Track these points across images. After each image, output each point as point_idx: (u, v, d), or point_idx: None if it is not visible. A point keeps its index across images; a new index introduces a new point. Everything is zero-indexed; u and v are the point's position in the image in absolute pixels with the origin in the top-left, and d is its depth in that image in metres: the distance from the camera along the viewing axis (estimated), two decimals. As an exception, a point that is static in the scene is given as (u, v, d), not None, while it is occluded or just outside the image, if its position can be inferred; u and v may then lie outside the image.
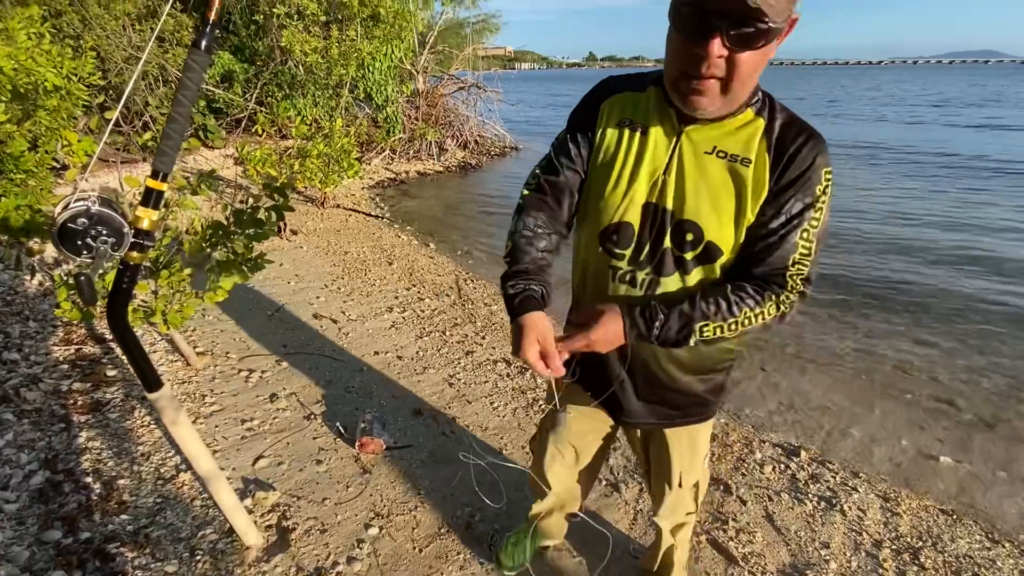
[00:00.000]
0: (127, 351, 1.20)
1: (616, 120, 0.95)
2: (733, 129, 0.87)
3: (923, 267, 4.86)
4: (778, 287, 0.88)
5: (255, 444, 2.14)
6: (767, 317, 0.88)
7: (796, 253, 0.86)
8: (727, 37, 0.72)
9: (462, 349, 3.11)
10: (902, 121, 17.85)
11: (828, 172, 0.85)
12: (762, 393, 2.94)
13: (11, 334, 2.63)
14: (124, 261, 1.10)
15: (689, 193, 0.88)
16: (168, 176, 1.08)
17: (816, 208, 0.85)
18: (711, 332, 0.87)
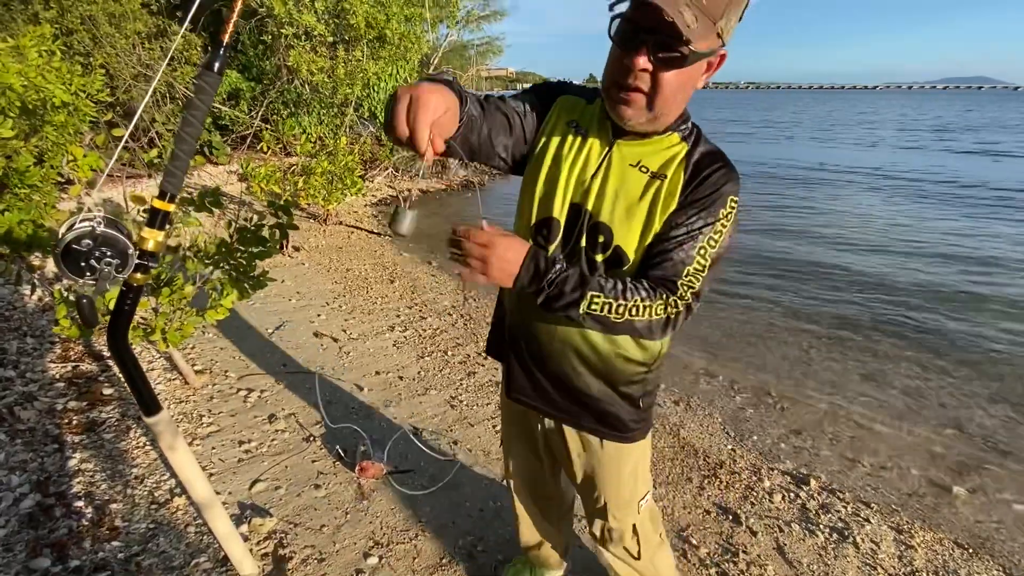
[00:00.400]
0: (127, 374, 1.17)
1: (565, 120, 1.01)
2: (659, 148, 0.93)
3: (928, 295, 4.85)
4: (669, 292, 0.90)
5: (252, 467, 2.09)
6: (653, 315, 0.89)
7: (691, 266, 0.90)
8: (652, 53, 0.79)
9: (464, 370, 3.07)
10: (904, 146, 17.94)
11: (734, 200, 0.91)
12: (768, 419, 2.89)
13: (8, 350, 2.60)
14: (127, 282, 1.08)
15: (607, 198, 0.94)
16: (175, 197, 1.07)
17: (716, 229, 0.90)
18: (599, 307, 0.87)
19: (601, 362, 1.05)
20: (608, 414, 1.10)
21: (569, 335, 1.04)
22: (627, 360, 1.04)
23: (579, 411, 1.11)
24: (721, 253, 0.92)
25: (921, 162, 13.71)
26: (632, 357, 1.04)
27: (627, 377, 1.06)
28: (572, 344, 1.04)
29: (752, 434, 2.71)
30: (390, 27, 6.45)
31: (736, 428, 2.74)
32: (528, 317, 1.08)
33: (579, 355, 1.05)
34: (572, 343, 1.04)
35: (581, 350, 1.05)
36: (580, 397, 1.09)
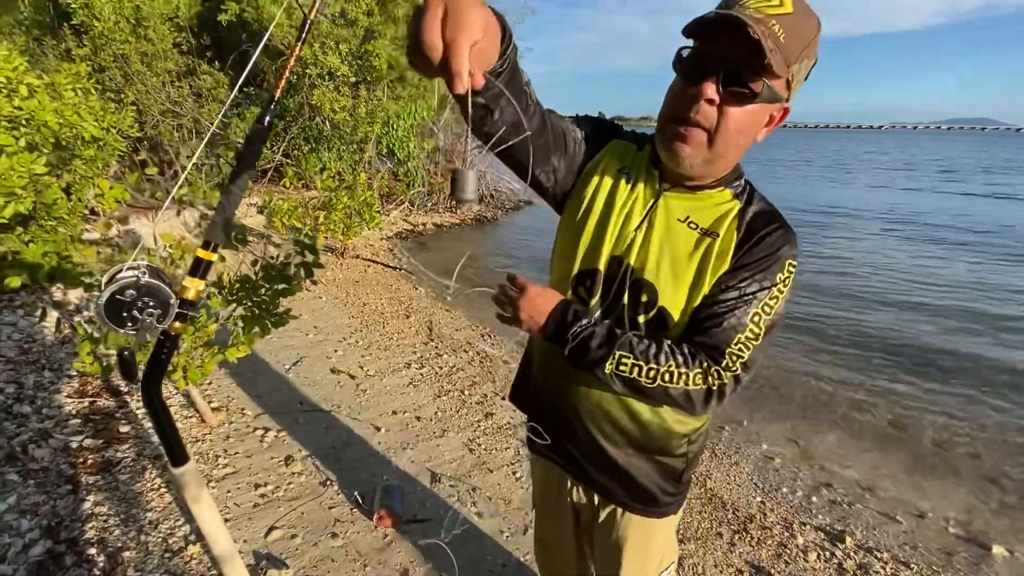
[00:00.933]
0: (157, 424, 1.14)
1: (617, 165, 0.95)
2: (709, 204, 0.87)
3: (958, 334, 4.74)
4: (713, 361, 0.83)
5: (268, 512, 2.03)
6: (691, 384, 0.82)
7: (742, 334, 0.82)
8: (721, 83, 0.74)
9: (481, 411, 3.00)
10: (916, 187, 17.84)
11: (792, 264, 0.84)
12: (796, 469, 2.78)
13: (25, 384, 2.58)
14: (165, 331, 1.06)
15: (652, 253, 0.87)
16: (219, 247, 1.06)
17: (772, 294, 0.83)
18: (627, 368, 0.83)
19: (640, 432, 0.96)
20: (642, 488, 1.00)
21: (603, 399, 0.96)
22: (670, 432, 0.96)
23: (608, 482, 1.01)
24: (776, 321, 0.84)
25: (934, 205, 13.59)
26: (676, 429, 0.96)
27: (669, 450, 0.97)
28: (606, 409, 0.96)
29: (781, 486, 2.60)
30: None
31: (764, 479, 2.64)
32: (557, 373, 1.01)
33: (614, 423, 0.97)
34: (606, 408, 0.96)
35: (617, 418, 0.96)
36: (610, 468, 1.00)
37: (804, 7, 0.74)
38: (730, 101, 0.75)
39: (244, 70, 1.14)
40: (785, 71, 0.72)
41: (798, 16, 0.72)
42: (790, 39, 0.71)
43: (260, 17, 6.54)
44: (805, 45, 0.74)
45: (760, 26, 0.69)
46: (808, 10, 0.75)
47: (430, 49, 0.52)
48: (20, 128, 2.63)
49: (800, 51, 0.73)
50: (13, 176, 2.38)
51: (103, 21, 6.02)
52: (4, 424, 2.19)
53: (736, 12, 0.70)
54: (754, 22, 0.68)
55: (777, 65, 0.70)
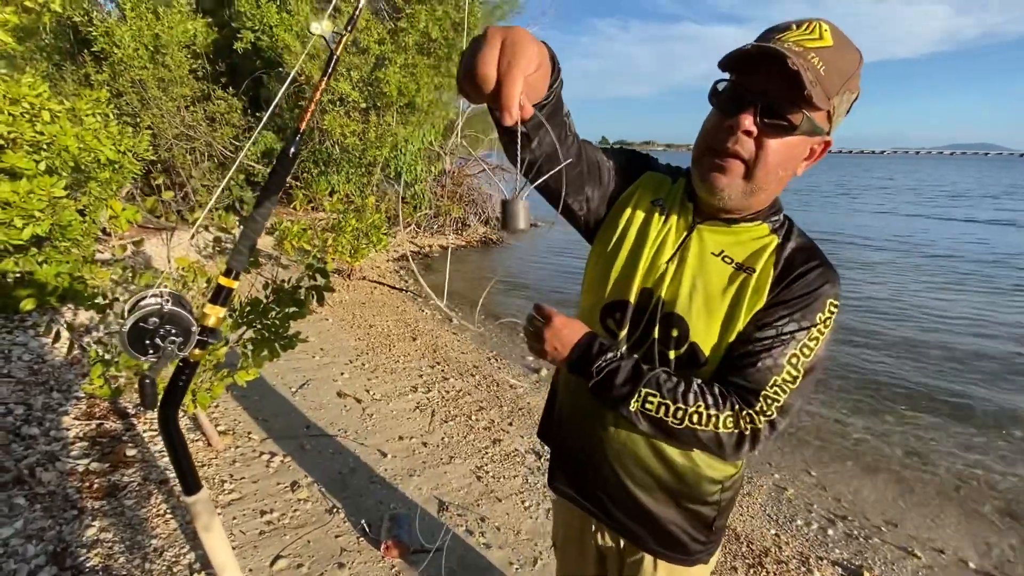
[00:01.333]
0: (172, 451, 1.13)
1: (650, 197, 0.93)
2: (746, 239, 0.85)
3: (974, 370, 4.67)
4: (746, 403, 0.78)
5: (274, 541, 1.99)
6: (720, 427, 0.78)
7: (778, 375, 0.78)
8: (759, 115, 0.73)
9: (489, 437, 2.97)
10: (925, 214, 17.33)
11: (834, 304, 0.80)
12: (810, 501, 2.72)
13: (33, 406, 2.58)
14: (185, 359, 1.07)
15: (684, 287, 0.84)
16: (239, 274, 1.07)
17: (811, 335, 0.78)
18: (653, 407, 0.79)
19: (670, 476, 0.91)
20: (671, 535, 0.95)
21: (632, 440, 0.91)
22: (701, 477, 0.91)
23: (636, 527, 0.96)
24: (816, 364, 0.79)
25: (944, 232, 13.35)
26: (708, 475, 0.91)
27: (700, 497, 0.92)
28: (634, 451, 0.91)
29: (795, 517, 2.55)
30: (421, 95, 6.79)
31: (777, 511, 2.59)
32: (583, 410, 0.98)
33: (643, 466, 0.92)
34: (634, 450, 0.91)
35: (646, 460, 0.91)
36: (638, 512, 0.95)
37: (844, 41, 0.73)
38: (769, 133, 0.74)
39: (258, 97, 1.17)
40: (826, 103, 0.72)
41: (838, 49, 0.72)
42: (830, 72, 0.71)
43: (275, 45, 6.72)
44: (846, 78, 0.73)
45: (799, 59, 0.68)
46: (848, 44, 0.74)
47: (484, 80, 0.52)
48: (41, 152, 2.68)
49: (841, 84, 0.72)
50: (33, 199, 2.42)
51: (123, 48, 6.20)
52: (12, 446, 2.18)
53: (774, 45, 0.70)
54: (793, 55, 0.68)
55: (817, 97, 0.69)
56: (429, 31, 6.80)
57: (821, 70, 0.70)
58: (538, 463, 2.73)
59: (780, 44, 0.70)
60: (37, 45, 7.08)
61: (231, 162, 7.22)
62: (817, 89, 0.69)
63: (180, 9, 6.60)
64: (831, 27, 0.73)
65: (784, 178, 0.80)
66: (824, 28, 0.72)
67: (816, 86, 0.69)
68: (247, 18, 6.71)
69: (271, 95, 7.86)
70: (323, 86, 1.08)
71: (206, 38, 6.91)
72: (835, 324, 0.80)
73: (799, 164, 0.80)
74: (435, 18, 6.84)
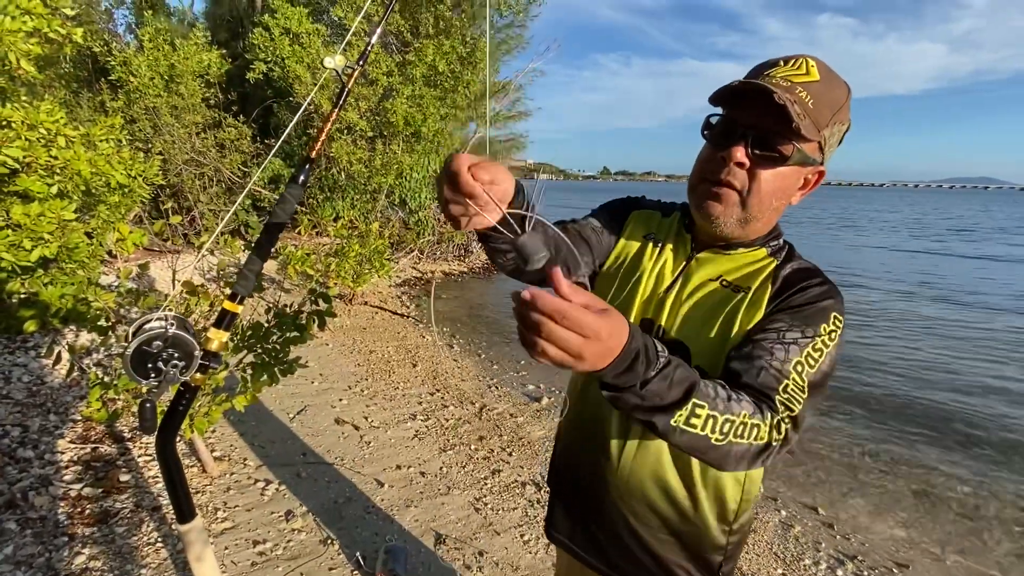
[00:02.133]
0: (168, 477, 1.12)
1: (642, 232, 0.97)
2: (742, 263, 0.85)
3: (981, 406, 4.62)
4: (770, 409, 0.69)
5: (267, 572, 1.94)
6: (757, 438, 0.66)
7: (789, 380, 0.71)
8: (751, 147, 0.75)
9: (488, 467, 2.92)
10: (939, 252, 16.06)
11: (838, 319, 0.76)
12: (818, 539, 2.65)
13: (30, 428, 2.55)
14: (186, 383, 1.07)
15: (682, 314, 0.85)
16: (244, 299, 1.08)
17: (816, 345, 0.73)
18: (700, 421, 0.63)
19: (677, 517, 0.89)
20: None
21: (637, 477, 0.88)
22: (710, 521, 0.88)
23: (634, 570, 0.93)
24: (821, 380, 0.74)
25: (957, 268, 12.62)
26: (717, 517, 0.88)
27: (708, 540, 0.90)
28: (640, 489, 0.89)
29: (803, 556, 2.48)
30: (427, 125, 6.94)
31: (784, 549, 2.52)
32: (583, 440, 0.95)
33: (648, 503, 0.89)
34: (640, 488, 0.89)
35: (651, 498, 0.89)
36: (638, 555, 0.92)
37: (831, 75, 0.76)
38: (761, 164, 0.76)
39: (268, 125, 1.20)
40: (816, 135, 0.74)
41: (825, 83, 0.75)
42: (819, 104, 0.73)
43: (286, 76, 6.92)
44: (835, 110, 0.75)
45: (787, 93, 0.71)
46: (835, 77, 0.77)
47: (463, 182, 0.61)
48: (54, 176, 2.73)
49: (830, 116, 0.75)
50: (43, 222, 2.45)
51: (139, 77, 6.38)
52: (7, 468, 2.16)
53: (762, 81, 0.73)
54: (780, 90, 0.71)
55: (806, 129, 0.71)
56: (436, 64, 7.01)
57: (809, 103, 0.73)
58: (538, 495, 2.67)
59: (768, 80, 0.73)
60: (56, 73, 7.31)
61: (238, 187, 7.34)
62: (806, 121, 0.71)
63: (196, 41, 6.83)
64: (817, 62, 0.76)
65: (780, 207, 0.82)
66: (811, 63, 0.75)
67: (805, 119, 0.71)
68: (260, 50, 6.93)
69: (280, 123, 8.05)
70: (334, 117, 1.11)
71: (219, 68, 7.13)
72: (841, 341, 0.76)
73: (794, 193, 0.82)
74: (442, 52, 7.06)
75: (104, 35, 7.42)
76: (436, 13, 7.69)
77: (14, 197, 2.67)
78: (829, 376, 0.76)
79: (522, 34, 10.63)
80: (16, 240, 2.53)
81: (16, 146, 2.48)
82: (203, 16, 11.08)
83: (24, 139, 2.55)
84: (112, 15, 8.76)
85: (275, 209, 1.09)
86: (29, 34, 2.55)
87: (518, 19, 10.18)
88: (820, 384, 0.74)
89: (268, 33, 6.93)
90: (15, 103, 2.81)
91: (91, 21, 8.02)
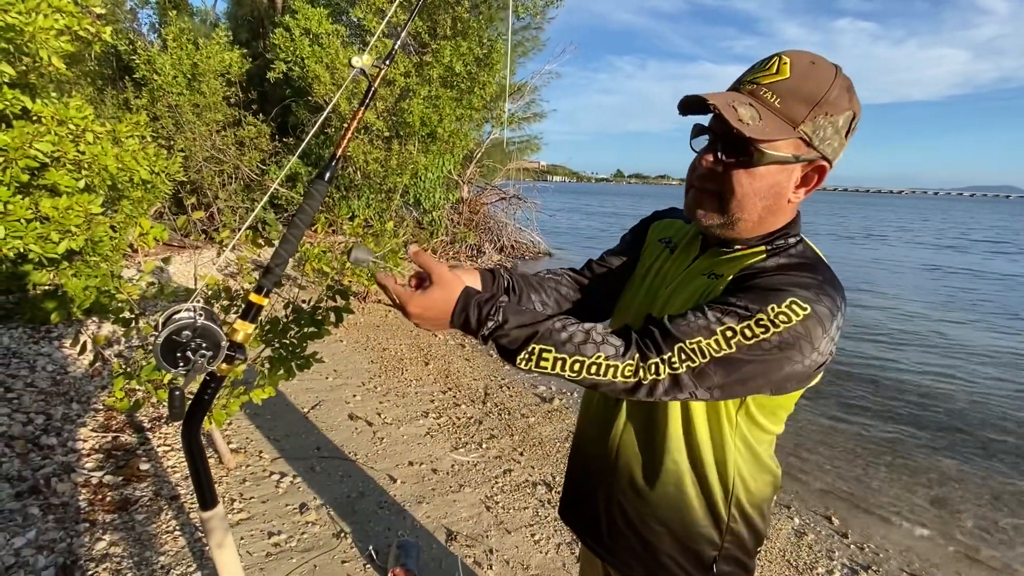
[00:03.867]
0: (192, 465, 1.14)
1: (659, 237, 1.05)
2: (737, 261, 0.85)
3: (1000, 418, 4.54)
4: (655, 349, 0.72)
5: (280, 564, 1.97)
6: (617, 376, 0.73)
7: (702, 337, 0.71)
8: (722, 151, 0.79)
9: (499, 466, 2.93)
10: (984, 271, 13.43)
11: (797, 304, 0.71)
12: (834, 548, 2.62)
13: (53, 416, 2.62)
14: (212, 373, 1.09)
15: (669, 302, 0.91)
16: (270, 292, 1.11)
17: (757, 320, 0.71)
18: (549, 363, 0.74)
19: (662, 504, 0.91)
20: (663, 567, 0.93)
21: (628, 462, 0.94)
22: (694, 512, 0.90)
23: (628, 554, 0.96)
24: (760, 356, 0.71)
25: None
26: (701, 512, 0.90)
27: (696, 531, 0.91)
28: (629, 473, 0.94)
29: (816, 565, 2.45)
30: (443, 126, 6.98)
31: (797, 557, 2.49)
32: (590, 432, 1.03)
33: (636, 488, 0.94)
34: (629, 472, 0.94)
35: (638, 483, 0.93)
36: (631, 540, 0.95)
37: (808, 69, 0.75)
38: (732, 167, 0.78)
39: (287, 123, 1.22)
40: (788, 132, 0.74)
41: (797, 78, 0.74)
42: (788, 101, 0.74)
43: (305, 76, 7.00)
44: (814, 103, 0.74)
45: (749, 97, 0.75)
46: (812, 69, 0.75)
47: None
48: (82, 170, 2.80)
49: (808, 109, 0.74)
50: (71, 215, 2.51)
51: (163, 75, 6.51)
52: (31, 455, 2.21)
53: (741, 87, 0.78)
54: (727, 97, 0.75)
55: (756, 131, 0.73)
56: (453, 65, 7.05)
57: (776, 103, 0.74)
58: (548, 495, 2.67)
59: (740, 85, 0.78)
60: (82, 70, 7.47)
61: (257, 184, 7.44)
62: (760, 125, 0.73)
63: (219, 40, 6.94)
64: (793, 58, 0.75)
65: (769, 206, 0.81)
66: (784, 61, 0.75)
67: (757, 122, 0.73)
68: (280, 50, 7.02)
69: (298, 121, 8.14)
70: (360, 115, 1.13)
71: (240, 67, 7.24)
72: (803, 333, 0.71)
73: (787, 191, 0.80)
74: (459, 53, 7.10)
75: (129, 34, 7.58)
76: (454, 15, 7.74)
77: (43, 190, 2.74)
78: (785, 360, 0.72)
79: (538, 36, 10.65)
80: (44, 232, 2.59)
81: (46, 141, 2.54)
82: (225, 16, 11.28)
83: (54, 134, 2.62)
84: (136, 15, 8.96)
85: (303, 205, 1.11)
86: (60, 32, 2.62)
87: (535, 21, 10.21)
88: (759, 360, 0.71)
89: (288, 33, 7.02)
90: (45, 99, 2.88)
91: (116, 20, 8.20)
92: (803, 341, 0.71)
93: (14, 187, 2.43)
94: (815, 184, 0.81)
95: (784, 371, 0.73)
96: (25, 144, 2.43)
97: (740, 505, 0.90)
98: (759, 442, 0.88)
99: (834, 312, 0.73)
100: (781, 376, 0.74)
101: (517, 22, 9.53)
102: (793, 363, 0.72)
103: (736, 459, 0.87)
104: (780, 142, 0.75)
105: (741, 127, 0.72)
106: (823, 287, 0.74)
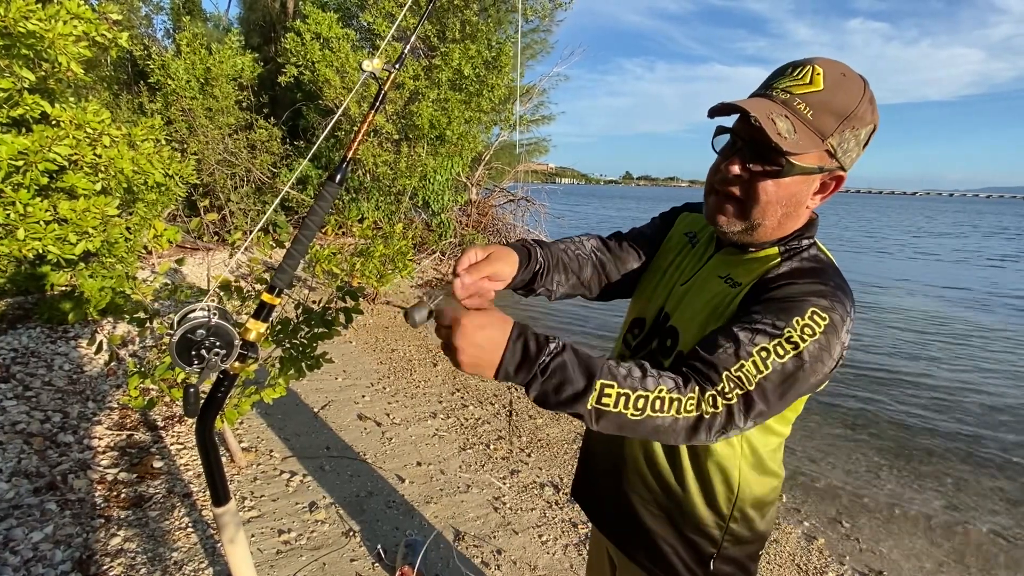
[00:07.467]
0: (206, 462, 1.17)
1: (684, 230, 1.05)
2: (753, 263, 0.86)
3: (1016, 424, 4.46)
4: (709, 382, 0.69)
5: (290, 561, 1.99)
6: (681, 412, 0.68)
7: (748, 362, 0.70)
8: (748, 161, 0.79)
9: (507, 467, 2.94)
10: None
11: (819, 314, 0.72)
12: (845, 553, 2.59)
13: (70, 414, 2.67)
14: (225, 371, 1.11)
15: (685, 302, 0.91)
16: (283, 292, 1.13)
17: (786, 337, 0.71)
18: (611, 400, 0.66)
19: (661, 491, 0.92)
20: (662, 554, 0.94)
21: (631, 447, 0.95)
22: (695, 502, 0.90)
23: (630, 536, 0.99)
24: (793, 373, 0.71)
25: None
26: (704, 501, 0.90)
27: (695, 523, 0.91)
28: (636, 460, 0.95)
29: (826, 570, 2.42)
30: (452, 128, 7.03)
31: (807, 561, 2.47)
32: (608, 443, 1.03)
33: (639, 472, 0.94)
34: (633, 456, 0.95)
35: (641, 468, 0.94)
36: (633, 522, 0.97)
37: (838, 79, 0.75)
38: (759, 176, 0.79)
39: (297, 127, 1.24)
40: (817, 145, 0.75)
41: (830, 91, 0.74)
42: (820, 114, 0.74)
43: (316, 80, 7.08)
44: (843, 116, 0.75)
45: (783, 108, 0.74)
46: (843, 81, 0.75)
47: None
48: (99, 173, 2.85)
49: (837, 123, 0.75)
50: (88, 217, 2.56)
51: (176, 80, 6.61)
52: (48, 452, 2.26)
53: (762, 94, 0.77)
54: (778, 104, 0.74)
55: (793, 145, 0.73)
56: (462, 68, 7.09)
57: (808, 115, 0.74)
58: (556, 496, 2.68)
59: (773, 92, 0.76)
60: (99, 75, 7.62)
61: (268, 187, 7.53)
62: (795, 138, 0.73)
63: (231, 45, 7.04)
64: (826, 68, 0.75)
65: (789, 213, 0.82)
66: (816, 71, 0.75)
67: (793, 136, 0.73)
68: (291, 54, 7.11)
69: (309, 125, 8.24)
70: (371, 118, 1.15)
71: (252, 72, 7.34)
72: (827, 341, 0.72)
73: (806, 198, 0.82)
74: (468, 56, 7.14)
75: (144, 40, 7.71)
76: (463, 18, 7.79)
77: (61, 193, 2.80)
78: (802, 373, 0.72)
79: (547, 39, 10.67)
80: (62, 234, 2.65)
81: (65, 144, 2.60)
82: (237, 21, 11.43)
83: (72, 138, 2.68)
84: (151, 20, 9.11)
85: (314, 206, 1.13)
86: (78, 38, 2.68)
87: (543, 24, 10.24)
88: (792, 380, 0.72)
89: (299, 38, 7.10)
90: (63, 104, 2.95)
91: (132, 26, 8.35)
92: (825, 352, 0.73)
93: (33, 190, 2.48)
94: (831, 191, 0.83)
95: (811, 382, 0.74)
96: (44, 148, 2.49)
97: (742, 505, 0.90)
98: (765, 444, 0.89)
99: (845, 318, 0.75)
100: (808, 386, 0.74)
101: (525, 25, 9.56)
102: (818, 373, 0.73)
103: (740, 460, 0.88)
104: (808, 154, 0.76)
105: (780, 141, 0.72)
106: (836, 293, 0.75)
